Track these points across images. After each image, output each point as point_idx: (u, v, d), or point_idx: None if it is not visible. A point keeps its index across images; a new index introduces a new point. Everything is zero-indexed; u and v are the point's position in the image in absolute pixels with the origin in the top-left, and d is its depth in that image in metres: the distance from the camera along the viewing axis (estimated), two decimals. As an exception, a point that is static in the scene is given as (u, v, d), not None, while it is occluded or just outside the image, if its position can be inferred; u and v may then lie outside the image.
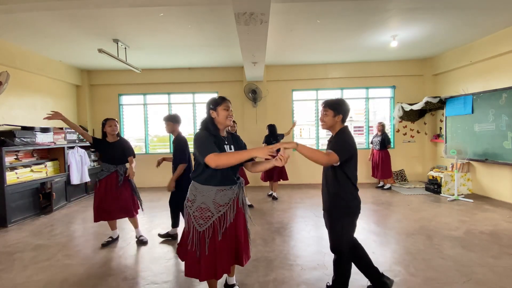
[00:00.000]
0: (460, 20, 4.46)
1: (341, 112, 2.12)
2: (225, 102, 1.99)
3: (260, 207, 5.10)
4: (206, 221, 1.90)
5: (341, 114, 2.12)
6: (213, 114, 1.99)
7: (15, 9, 3.38)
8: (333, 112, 2.12)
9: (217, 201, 1.93)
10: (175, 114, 3.60)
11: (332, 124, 2.15)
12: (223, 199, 1.95)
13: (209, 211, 1.91)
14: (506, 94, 4.90)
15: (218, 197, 1.93)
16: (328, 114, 2.13)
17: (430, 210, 4.69)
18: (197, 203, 1.93)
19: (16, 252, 3.36)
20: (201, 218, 1.91)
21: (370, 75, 7.06)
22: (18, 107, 5.26)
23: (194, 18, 4.11)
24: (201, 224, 1.90)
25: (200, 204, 1.92)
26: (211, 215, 1.91)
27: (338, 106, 2.12)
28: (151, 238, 3.76)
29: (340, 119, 2.13)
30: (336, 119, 2.12)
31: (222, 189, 1.95)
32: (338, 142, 2.08)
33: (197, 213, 1.91)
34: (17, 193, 4.54)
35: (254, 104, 7.03)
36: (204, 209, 1.91)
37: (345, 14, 4.12)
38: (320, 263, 2.91)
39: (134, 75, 6.79)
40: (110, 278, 2.70)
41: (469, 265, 2.78)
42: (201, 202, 1.92)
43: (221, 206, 1.94)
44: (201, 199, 1.92)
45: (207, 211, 1.91)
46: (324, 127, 2.20)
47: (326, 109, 2.14)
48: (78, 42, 5.02)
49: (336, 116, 2.12)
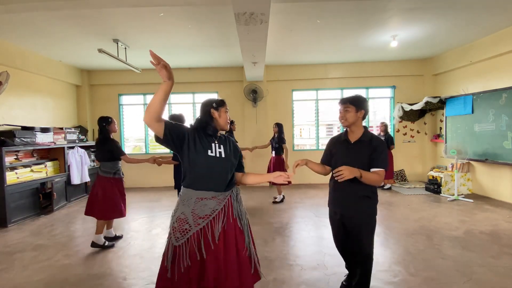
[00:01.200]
0: (460, 20, 4.46)
1: (363, 107, 2.07)
2: (225, 104, 1.83)
3: (260, 207, 5.10)
4: (183, 234, 1.62)
5: (363, 110, 2.07)
6: (214, 114, 1.79)
7: (15, 9, 3.38)
8: (355, 108, 2.05)
9: (196, 213, 1.64)
10: (180, 113, 3.49)
11: (354, 121, 2.07)
12: (203, 210, 1.65)
13: (187, 223, 1.63)
14: (506, 94, 4.90)
15: (200, 209, 1.65)
16: (350, 111, 2.06)
17: (430, 210, 4.69)
18: (177, 212, 1.68)
19: (16, 252, 3.36)
20: (179, 231, 1.63)
21: (370, 75, 7.07)
22: (18, 107, 5.26)
23: (194, 18, 4.11)
24: (178, 237, 1.62)
25: (180, 214, 1.66)
26: (189, 229, 1.63)
27: (360, 102, 2.07)
28: (151, 238, 3.76)
29: (362, 115, 2.08)
30: (358, 115, 2.06)
31: (203, 197, 1.67)
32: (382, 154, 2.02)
33: (176, 224, 1.65)
34: (17, 193, 4.53)
35: (254, 104, 7.03)
36: (182, 220, 1.64)
37: (345, 14, 4.12)
38: (320, 263, 2.91)
39: (134, 75, 6.79)
40: (110, 278, 2.71)
41: (469, 265, 2.78)
42: (181, 212, 1.66)
43: (200, 219, 1.64)
44: (181, 207, 1.67)
45: (185, 223, 1.64)
46: (345, 124, 2.11)
47: (347, 105, 2.06)
48: (78, 42, 5.02)
49: (358, 112, 2.06)
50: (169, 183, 7.33)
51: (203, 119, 1.80)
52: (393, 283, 2.50)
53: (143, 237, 3.79)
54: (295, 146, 7.53)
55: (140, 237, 3.79)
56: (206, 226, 1.63)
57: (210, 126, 1.77)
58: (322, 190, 6.45)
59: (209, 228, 1.64)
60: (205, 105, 1.83)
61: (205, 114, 1.80)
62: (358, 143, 2.08)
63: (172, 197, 5.94)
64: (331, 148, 2.24)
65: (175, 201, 1.82)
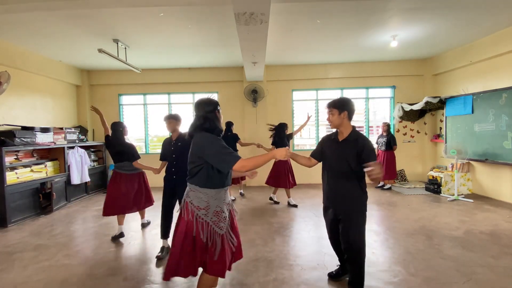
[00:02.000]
0: (460, 20, 4.46)
1: (345, 108, 2.23)
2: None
3: (260, 207, 5.10)
4: (224, 222, 1.93)
5: (346, 111, 2.23)
6: (218, 115, 1.97)
7: (15, 9, 3.38)
8: (337, 110, 2.24)
9: (226, 201, 1.98)
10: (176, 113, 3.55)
11: (340, 122, 2.26)
12: (228, 198, 2.03)
13: (223, 212, 1.93)
14: (506, 94, 4.90)
15: (226, 197, 1.99)
16: (334, 113, 2.25)
17: (430, 210, 4.69)
18: (212, 208, 1.89)
19: (16, 252, 3.36)
20: (220, 221, 1.91)
21: (370, 75, 7.07)
22: (18, 107, 5.26)
23: (194, 18, 4.11)
24: (222, 226, 1.91)
25: (215, 208, 1.90)
26: (225, 216, 1.95)
27: (341, 104, 2.25)
28: (151, 238, 3.76)
29: (346, 116, 2.24)
30: (342, 116, 2.24)
31: (227, 188, 2.00)
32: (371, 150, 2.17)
33: (215, 218, 1.89)
34: (17, 193, 4.53)
35: (254, 104, 7.03)
36: (219, 212, 1.91)
37: (345, 14, 4.12)
38: (320, 263, 2.91)
39: (134, 75, 6.79)
40: (110, 278, 2.70)
41: (469, 265, 2.78)
42: (216, 205, 1.90)
43: (228, 205, 2.00)
44: (214, 202, 1.90)
45: (222, 212, 1.92)
46: (332, 126, 2.32)
47: (331, 109, 2.27)
48: (78, 42, 5.02)
49: (341, 114, 2.23)
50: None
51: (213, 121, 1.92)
52: (393, 283, 2.50)
53: (143, 237, 3.79)
54: (295, 146, 7.53)
55: (140, 237, 3.79)
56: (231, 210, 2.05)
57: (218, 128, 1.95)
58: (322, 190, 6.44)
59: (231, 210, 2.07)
60: (207, 105, 1.92)
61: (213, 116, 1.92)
62: (345, 142, 2.26)
63: (172, 197, 5.93)
64: (323, 146, 2.42)
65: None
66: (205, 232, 1.85)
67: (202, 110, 1.91)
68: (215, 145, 1.80)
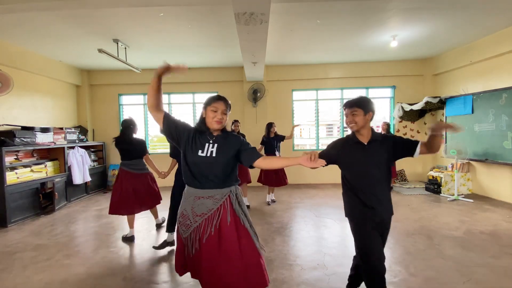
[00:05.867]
0: (460, 20, 4.46)
1: (371, 109, 1.98)
2: (214, 103, 1.75)
3: (260, 207, 5.10)
4: (187, 228, 1.75)
5: (371, 111, 1.98)
6: (203, 114, 1.81)
7: (15, 9, 3.38)
8: (363, 111, 1.95)
9: (194, 210, 1.73)
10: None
11: (364, 124, 1.97)
12: (201, 209, 1.72)
13: (189, 219, 1.75)
14: (506, 94, 4.90)
15: (195, 205, 1.73)
16: (359, 114, 1.95)
17: (430, 210, 4.69)
18: (181, 208, 1.80)
19: (16, 252, 3.36)
20: (183, 225, 1.77)
21: (370, 75, 7.07)
22: (18, 107, 5.26)
23: (194, 18, 4.11)
24: (184, 231, 1.77)
25: (183, 210, 1.79)
26: (188, 223, 1.75)
27: (366, 104, 1.97)
28: (151, 238, 3.76)
29: (371, 117, 1.99)
30: (367, 117, 1.97)
31: (200, 196, 1.72)
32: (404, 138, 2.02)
33: (181, 219, 1.79)
34: (17, 193, 4.53)
35: (254, 104, 7.03)
36: (185, 216, 1.76)
37: (345, 14, 4.12)
38: (320, 263, 2.91)
39: (134, 75, 6.79)
40: (110, 278, 2.71)
41: (469, 265, 2.78)
42: (184, 208, 1.78)
43: (198, 216, 1.72)
44: (184, 204, 1.79)
45: (187, 219, 1.75)
46: (354, 128, 1.99)
47: (355, 109, 1.96)
48: (78, 42, 5.02)
49: (366, 114, 1.96)
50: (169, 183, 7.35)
51: (199, 119, 1.85)
52: (393, 283, 2.50)
53: (143, 237, 3.79)
54: (295, 146, 7.53)
55: (140, 237, 3.79)
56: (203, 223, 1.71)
57: (202, 125, 1.80)
58: (322, 190, 6.45)
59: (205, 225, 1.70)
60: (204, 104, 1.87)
61: (201, 113, 1.85)
62: (373, 143, 1.98)
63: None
64: (339, 151, 2.05)
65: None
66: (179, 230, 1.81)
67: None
68: None
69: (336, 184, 6.86)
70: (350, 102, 2.00)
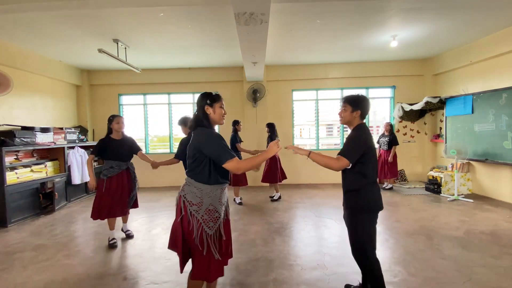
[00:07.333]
0: (460, 20, 4.46)
1: (360, 108, 2.10)
2: (221, 99, 1.95)
3: (260, 207, 5.10)
4: (215, 222, 1.85)
5: (359, 110, 2.10)
6: (208, 110, 1.89)
7: (15, 9, 3.38)
8: (351, 107, 2.10)
9: (222, 201, 1.91)
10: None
11: (350, 120, 2.13)
12: (225, 197, 1.95)
13: (217, 211, 1.86)
14: (506, 94, 4.90)
15: (223, 196, 1.92)
16: (347, 110, 2.12)
17: (430, 210, 4.69)
18: (204, 205, 1.83)
19: (16, 252, 3.36)
20: (211, 220, 1.83)
21: (370, 75, 7.07)
22: (18, 107, 5.26)
23: (194, 18, 4.11)
24: (211, 226, 1.83)
25: (208, 206, 1.84)
26: (218, 216, 1.87)
27: (357, 102, 2.11)
28: (151, 238, 3.76)
29: (358, 115, 2.11)
30: (354, 114, 2.11)
31: (224, 187, 1.94)
32: (348, 143, 2.07)
33: (206, 216, 1.83)
34: (17, 193, 4.53)
35: (254, 104, 7.03)
36: (212, 210, 1.84)
37: (345, 14, 4.12)
38: (320, 263, 2.91)
39: (134, 75, 6.79)
40: (110, 278, 2.70)
41: (469, 265, 2.78)
42: (209, 203, 1.84)
43: (223, 205, 1.93)
44: (208, 200, 1.84)
45: (215, 212, 1.86)
46: (341, 122, 2.20)
47: (345, 105, 2.14)
48: (78, 42, 5.02)
49: (354, 112, 2.10)
50: (169, 183, 7.38)
51: (199, 116, 1.90)
52: (393, 283, 2.50)
53: (143, 237, 3.79)
54: (295, 146, 7.52)
55: (140, 237, 3.79)
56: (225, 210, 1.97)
57: (207, 124, 1.89)
58: (322, 190, 6.45)
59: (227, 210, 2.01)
60: (199, 101, 1.92)
61: (200, 110, 1.91)
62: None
63: (172, 197, 5.94)
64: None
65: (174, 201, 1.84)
66: (195, 230, 1.80)
67: (199, 104, 1.93)
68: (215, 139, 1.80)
69: (336, 184, 6.86)
70: (344, 97, 2.21)
